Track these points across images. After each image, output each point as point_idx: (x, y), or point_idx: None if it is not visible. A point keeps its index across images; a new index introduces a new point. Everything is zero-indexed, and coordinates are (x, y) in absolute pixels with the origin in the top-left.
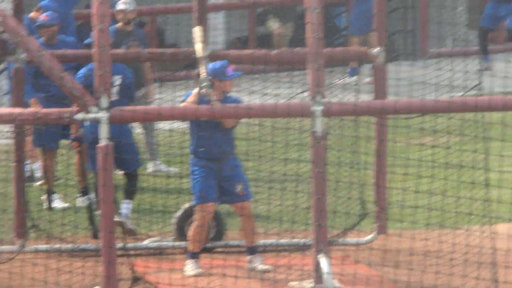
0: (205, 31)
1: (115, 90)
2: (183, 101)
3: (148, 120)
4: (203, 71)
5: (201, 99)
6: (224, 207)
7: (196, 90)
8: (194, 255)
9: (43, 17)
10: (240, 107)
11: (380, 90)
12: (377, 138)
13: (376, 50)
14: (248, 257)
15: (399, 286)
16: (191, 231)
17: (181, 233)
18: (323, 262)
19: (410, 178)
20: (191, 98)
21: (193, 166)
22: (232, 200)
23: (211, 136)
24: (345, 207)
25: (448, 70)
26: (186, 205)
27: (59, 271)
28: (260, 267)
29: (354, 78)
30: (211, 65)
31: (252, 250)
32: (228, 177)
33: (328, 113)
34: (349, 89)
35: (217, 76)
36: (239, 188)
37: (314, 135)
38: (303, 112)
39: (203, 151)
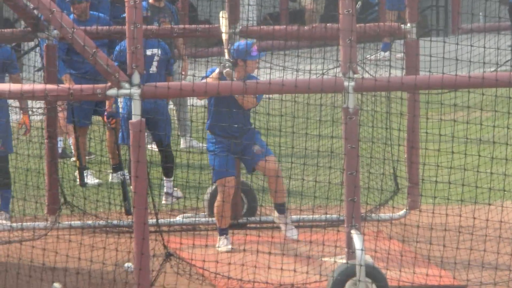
0: (237, 7)
1: (155, 63)
2: (205, 77)
3: (181, 96)
4: (226, 52)
5: (222, 79)
6: (256, 183)
7: (216, 71)
8: (223, 231)
9: None
10: (273, 83)
11: (411, 66)
12: (409, 114)
13: (408, 25)
14: (276, 215)
15: (431, 262)
16: (215, 208)
17: (213, 209)
18: (356, 238)
19: (442, 154)
20: (210, 79)
21: (209, 142)
22: (253, 162)
23: (229, 114)
24: (378, 183)
25: (479, 46)
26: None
27: (92, 247)
28: (289, 234)
29: (387, 53)
30: (236, 44)
31: (280, 209)
32: (245, 147)
33: (359, 89)
34: (381, 65)
35: (241, 55)
36: (255, 148)
37: (346, 111)
38: (336, 88)
39: (219, 128)
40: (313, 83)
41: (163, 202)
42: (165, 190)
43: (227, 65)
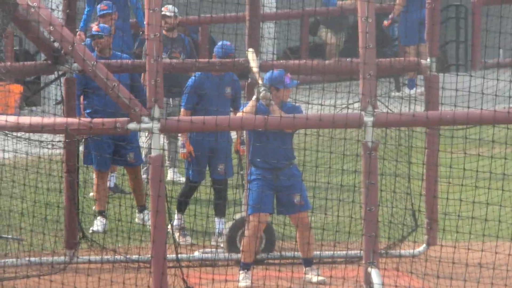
0: (257, 41)
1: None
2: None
3: (199, 129)
4: (259, 80)
5: (259, 107)
6: (277, 218)
7: (253, 98)
8: (246, 266)
9: (95, 28)
10: (297, 117)
11: (432, 100)
12: (427, 149)
13: (428, 60)
14: (305, 269)
15: None
16: (244, 242)
17: (232, 244)
18: (374, 273)
19: (458, 190)
20: (248, 108)
21: (250, 175)
22: (289, 210)
23: (268, 145)
24: (396, 218)
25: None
26: (237, 216)
27: (111, 282)
28: (315, 278)
29: (413, 90)
30: (269, 73)
31: (308, 262)
32: (286, 188)
33: (378, 123)
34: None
35: (275, 84)
36: (297, 198)
37: (366, 145)
38: (355, 123)
39: (260, 160)
40: (338, 118)
41: (180, 241)
42: (217, 230)
43: (262, 89)
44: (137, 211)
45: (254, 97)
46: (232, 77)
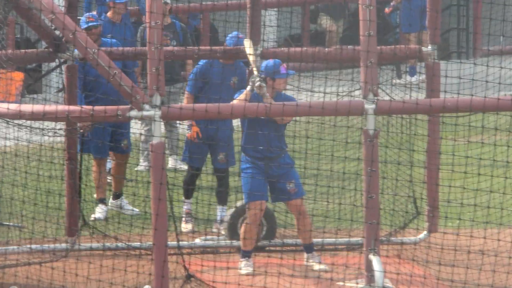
0: (258, 29)
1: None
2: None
3: (206, 117)
4: (254, 70)
5: (253, 96)
6: (278, 205)
7: (248, 88)
8: (246, 254)
9: (89, 18)
10: (300, 104)
11: (433, 88)
12: (429, 137)
13: (428, 48)
14: (305, 255)
15: (452, 285)
16: (242, 229)
17: (233, 232)
18: (375, 260)
19: (460, 176)
20: (242, 96)
21: (243, 163)
22: (284, 198)
23: (261, 134)
24: (398, 206)
25: (501, 68)
26: (238, 203)
27: (112, 269)
28: (317, 266)
29: (414, 77)
30: (264, 63)
31: (309, 248)
32: (279, 176)
33: (380, 111)
34: (404, 87)
35: (270, 74)
36: (290, 186)
37: (367, 133)
38: (356, 111)
39: (252, 149)
40: (340, 106)
41: (184, 224)
42: (218, 218)
43: (257, 79)
44: (111, 197)
45: (249, 87)
46: (240, 66)
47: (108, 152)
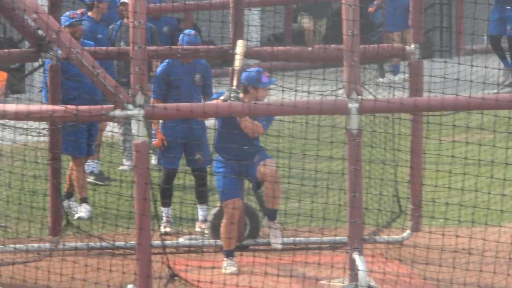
0: (241, 28)
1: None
2: (213, 98)
3: (181, 117)
4: (236, 80)
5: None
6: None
7: (222, 97)
8: (229, 253)
9: (72, 15)
10: (276, 104)
11: (416, 87)
12: (412, 135)
13: (411, 47)
14: (265, 221)
15: (436, 284)
16: (222, 229)
17: (217, 231)
18: (358, 259)
19: (443, 175)
20: (219, 101)
21: (216, 163)
22: (255, 171)
23: (233, 137)
24: (380, 205)
25: (482, 67)
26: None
27: (97, 269)
28: (273, 240)
29: (397, 76)
30: (246, 72)
31: (271, 214)
32: (250, 166)
33: (363, 110)
34: (387, 86)
35: (252, 83)
36: (255, 158)
37: (350, 132)
38: (339, 110)
39: (224, 150)
40: (325, 105)
41: (163, 229)
42: (201, 217)
43: (232, 95)
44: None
45: (222, 97)
46: (202, 64)
47: (85, 150)
